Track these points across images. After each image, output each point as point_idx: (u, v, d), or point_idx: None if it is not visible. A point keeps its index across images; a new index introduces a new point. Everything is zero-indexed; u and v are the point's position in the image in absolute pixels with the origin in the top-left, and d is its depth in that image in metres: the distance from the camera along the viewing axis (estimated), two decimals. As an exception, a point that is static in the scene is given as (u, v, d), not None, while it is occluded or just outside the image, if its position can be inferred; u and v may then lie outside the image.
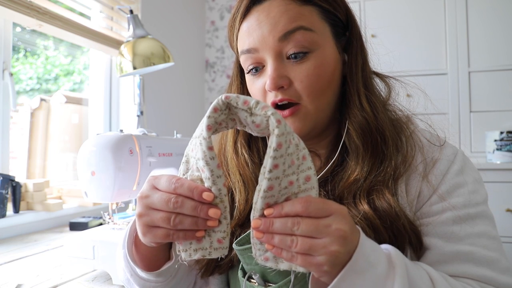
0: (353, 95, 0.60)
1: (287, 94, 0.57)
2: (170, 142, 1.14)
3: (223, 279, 0.65)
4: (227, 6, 2.79)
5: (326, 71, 0.58)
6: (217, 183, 0.46)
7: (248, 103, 0.44)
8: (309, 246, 0.41)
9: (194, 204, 0.45)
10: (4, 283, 0.84)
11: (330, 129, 0.64)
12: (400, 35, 2.14)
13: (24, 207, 1.40)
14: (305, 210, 0.42)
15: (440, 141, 0.62)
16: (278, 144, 0.41)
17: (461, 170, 0.59)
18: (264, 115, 0.43)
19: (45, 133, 1.74)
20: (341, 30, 0.62)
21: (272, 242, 0.43)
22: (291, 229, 0.42)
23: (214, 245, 0.47)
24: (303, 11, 0.57)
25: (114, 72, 1.93)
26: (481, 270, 0.53)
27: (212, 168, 0.45)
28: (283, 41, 0.56)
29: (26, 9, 1.33)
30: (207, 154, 0.45)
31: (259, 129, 0.44)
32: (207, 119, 0.45)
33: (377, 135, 0.58)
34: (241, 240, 0.56)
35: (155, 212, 0.47)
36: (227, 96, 0.44)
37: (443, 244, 0.55)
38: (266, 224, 0.43)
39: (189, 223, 0.45)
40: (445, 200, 0.56)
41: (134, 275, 0.59)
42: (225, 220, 0.47)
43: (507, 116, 2.01)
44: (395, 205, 0.54)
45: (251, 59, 0.59)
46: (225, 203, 0.47)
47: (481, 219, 0.56)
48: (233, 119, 0.46)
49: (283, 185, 0.44)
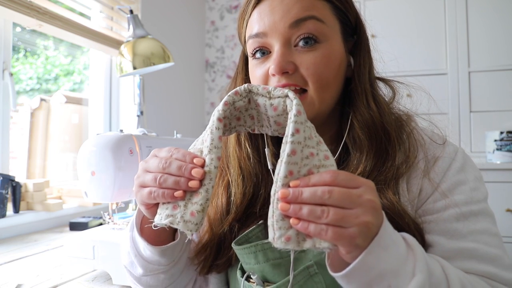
0: (361, 94, 0.60)
1: (292, 79, 0.57)
2: (170, 142, 1.14)
3: (222, 278, 0.65)
4: (227, 6, 2.79)
5: (333, 63, 0.58)
6: (212, 153, 0.47)
7: (267, 88, 0.48)
8: (342, 216, 0.40)
9: (180, 163, 0.47)
10: (4, 283, 0.84)
11: (330, 125, 0.64)
12: (400, 35, 2.14)
13: (24, 207, 1.39)
14: (334, 180, 0.41)
15: (442, 139, 0.62)
16: (298, 111, 0.44)
17: (462, 168, 0.59)
18: (282, 94, 0.47)
19: (45, 133, 1.74)
20: (350, 31, 0.63)
21: (299, 214, 0.41)
22: (321, 198, 0.40)
23: (185, 216, 0.46)
24: (316, 3, 0.57)
25: (114, 72, 1.93)
26: (484, 266, 0.53)
27: (213, 137, 0.48)
28: (294, 28, 0.56)
29: (26, 9, 1.33)
30: (214, 123, 0.48)
31: (276, 113, 0.47)
32: (226, 97, 0.48)
33: (382, 133, 0.58)
34: (240, 239, 0.56)
35: (147, 174, 0.49)
36: (249, 84, 0.49)
37: (446, 241, 0.55)
38: (295, 193, 0.41)
39: (172, 181, 0.47)
40: (447, 197, 0.56)
41: (138, 256, 0.59)
42: (206, 193, 0.46)
43: (507, 116, 2.01)
44: (397, 205, 0.54)
45: (258, 43, 0.59)
46: (212, 175, 0.47)
47: (483, 216, 0.56)
48: (252, 116, 0.49)
49: (305, 154, 0.44)
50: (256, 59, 0.61)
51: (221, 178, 0.67)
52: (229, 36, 2.78)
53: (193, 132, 2.38)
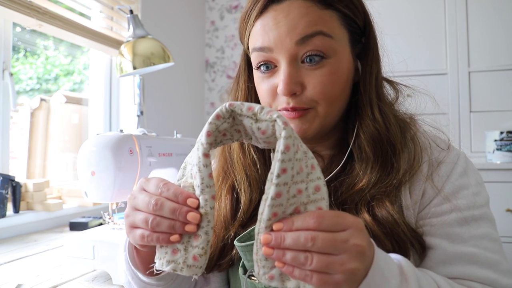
0: (366, 105, 0.59)
1: (300, 102, 0.56)
2: (170, 142, 1.14)
3: (223, 278, 0.65)
4: (227, 6, 2.79)
5: (340, 79, 0.57)
6: (205, 193, 0.44)
7: (252, 109, 0.42)
8: (326, 263, 0.38)
9: (173, 206, 0.43)
10: (4, 283, 0.84)
11: (333, 131, 0.64)
12: (400, 35, 2.14)
13: (24, 207, 1.39)
14: (319, 226, 0.39)
15: (445, 143, 0.62)
16: (286, 146, 0.39)
17: (465, 172, 0.59)
18: (269, 119, 0.41)
19: (45, 133, 1.74)
20: (358, 37, 0.61)
21: (283, 260, 0.39)
22: (305, 245, 0.38)
23: (188, 261, 0.44)
24: (324, 16, 0.55)
25: (114, 72, 1.92)
26: (484, 272, 0.53)
27: (203, 176, 0.44)
28: (301, 45, 0.54)
29: (26, 9, 1.33)
30: (201, 160, 0.44)
31: (265, 136, 0.42)
32: (208, 125, 0.43)
33: (387, 146, 0.58)
34: (242, 237, 0.56)
35: (137, 213, 0.46)
36: (231, 103, 0.43)
37: (447, 245, 0.55)
38: (278, 239, 0.39)
39: (166, 225, 0.44)
40: (450, 201, 0.56)
41: (135, 278, 0.59)
42: (206, 236, 0.44)
43: (507, 116, 2.01)
44: (393, 213, 0.54)
45: (264, 57, 0.57)
46: (209, 216, 0.44)
47: (484, 221, 0.57)
48: (238, 130, 0.45)
49: (292, 193, 0.41)
50: (262, 72, 0.59)
51: (224, 180, 0.66)
52: (229, 36, 2.78)
53: (193, 132, 2.38)
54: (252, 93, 0.66)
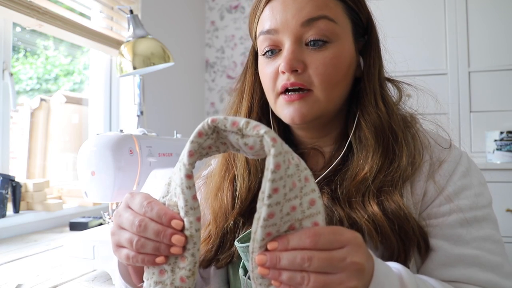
0: (369, 94, 0.60)
1: (300, 79, 0.57)
2: (170, 142, 1.14)
3: (223, 278, 0.65)
4: (227, 6, 2.79)
5: (342, 64, 0.58)
6: (189, 215, 0.42)
7: (237, 124, 0.39)
8: (324, 283, 0.37)
9: (157, 228, 0.42)
10: (4, 283, 0.84)
11: (335, 124, 0.64)
12: (400, 35, 2.14)
13: (24, 207, 1.39)
14: (315, 245, 0.38)
15: (447, 143, 0.61)
16: (276, 165, 0.37)
17: (467, 172, 0.58)
18: (256, 135, 0.38)
19: (45, 133, 1.74)
20: (361, 31, 0.63)
21: (280, 279, 0.39)
22: (301, 265, 0.37)
23: (175, 282, 0.43)
24: (329, 3, 0.58)
25: (114, 72, 1.93)
26: (486, 275, 0.52)
27: (187, 198, 0.42)
28: (306, 27, 0.56)
29: (26, 9, 1.33)
30: (183, 182, 0.41)
31: (253, 151, 0.40)
32: (189, 144, 0.41)
33: (389, 133, 0.58)
34: (243, 237, 0.56)
35: (122, 232, 0.45)
36: (213, 119, 0.40)
37: (449, 246, 0.54)
38: (273, 260, 0.38)
39: (151, 247, 0.43)
40: (452, 201, 0.56)
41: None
42: (192, 258, 0.42)
43: (507, 116, 2.01)
44: (404, 207, 0.53)
45: (270, 40, 0.59)
46: (195, 238, 0.42)
47: (487, 222, 0.56)
48: (224, 143, 0.42)
49: (285, 211, 0.39)
50: (267, 57, 0.61)
51: (227, 172, 0.67)
52: (229, 36, 2.78)
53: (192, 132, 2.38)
54: (258, 82, 0.67)
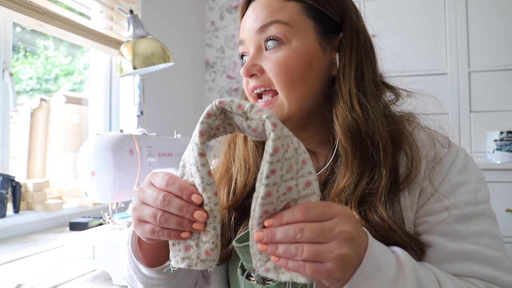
0: (344, 95, 0.58)
1: (260, 81, 0.61)
2: (170, 142, 1.14)
3: (223, 277, 0.65)
4: (227, 6, 2.79)
5: (298, 63, 0.58)
6: (207, 191, 0.45)
7: (242, 107, 0.42)
8: (316, 252, 0.40)
9: (181, 203, 0.45)
10: (4, 283, 0.84)
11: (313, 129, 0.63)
12: (400, 35, 2.14)
13: (24, 207, 1.39)
14: (306, 217, 0.41)
15: (445, 140, 0.61)
16: (275, 148, 0.40)
17: (464, 168, 0.58)
18: (259, 118, 0.41)
19: (45, 133, 1.74)
20: (332, 29, 0.61)
21: (277, 253, 0.42)
22: (294, 237, 0.40)
23: (201, 256, 0.46)
24: (284, 7, 0.60)
25: (114, 72, 1.93)
26: (484, 269, 0.52)
27: (202, 175, 0.45)
28: (260, 33, 0.60)
29: (26, 9, 1.33)
30: (198, 161, 0.45)
31: (256, 133, 0.43)
32: (200, 125, 0.44)
33: (366, 138, 0.56)
34: (241, 237, 0.56)
35: (145, 207, 0.47)
36: (221, 101, 0.43)
37: (447, 242, 0.54)
38: (269, 235, 0.42)
39: (174, 222, 0.45)
40: (448, 198, 0.56)
41: (137, 272, 0.59)
42: (214, 231, 0.45)
43: (507, 116, 2.01)
44: (387, 219, 0.53)
45: (242, 49, 0.65)
46: (215, 212, 0.45)
47: (484, 217, 0.56)
48: (231, 123, 0.45)
49: (282, 191, 0.42)
50: (243, 63, 0.65)
51: (227, 171, 0.68)
52: (229, 36, 2.78)
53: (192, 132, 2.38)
54: None
